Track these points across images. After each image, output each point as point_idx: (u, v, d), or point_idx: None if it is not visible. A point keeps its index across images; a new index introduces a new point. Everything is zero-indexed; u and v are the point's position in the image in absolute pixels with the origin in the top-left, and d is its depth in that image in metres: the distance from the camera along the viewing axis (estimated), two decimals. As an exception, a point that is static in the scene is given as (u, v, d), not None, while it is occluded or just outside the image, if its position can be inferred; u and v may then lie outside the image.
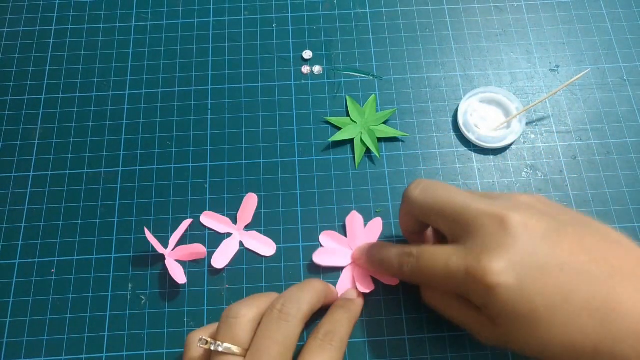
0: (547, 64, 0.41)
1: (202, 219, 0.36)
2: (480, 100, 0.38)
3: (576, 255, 0.23)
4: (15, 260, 0.35)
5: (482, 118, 0.38)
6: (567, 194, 0.36)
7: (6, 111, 0.39)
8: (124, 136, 0.38)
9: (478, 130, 0.37)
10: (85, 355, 0.32)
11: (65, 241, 0.35)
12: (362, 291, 0.32)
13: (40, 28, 0.42)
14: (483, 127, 0.38)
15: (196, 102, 0.39)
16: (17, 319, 0.33)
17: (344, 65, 0.41)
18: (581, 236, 0.24)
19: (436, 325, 0.33)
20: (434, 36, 0.42)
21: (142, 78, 0.40)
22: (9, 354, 0.32)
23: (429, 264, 0.27)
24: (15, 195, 0.37)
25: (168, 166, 0.37)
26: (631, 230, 0.35)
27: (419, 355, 0.32)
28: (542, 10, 0.43)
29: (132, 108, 0.39)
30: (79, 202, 0.36)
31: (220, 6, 0.43)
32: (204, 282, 0.34)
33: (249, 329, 0.26)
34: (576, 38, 0.41)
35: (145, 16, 0.43)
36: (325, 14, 0.43)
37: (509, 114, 0.38)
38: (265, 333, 0.26)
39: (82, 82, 0.40)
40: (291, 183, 0.37)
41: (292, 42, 0.42)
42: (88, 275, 0.34)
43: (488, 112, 0.38)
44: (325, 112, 0.39)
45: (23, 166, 0.37)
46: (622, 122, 0.38)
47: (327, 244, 0.35)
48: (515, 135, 0.37)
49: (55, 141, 0.38)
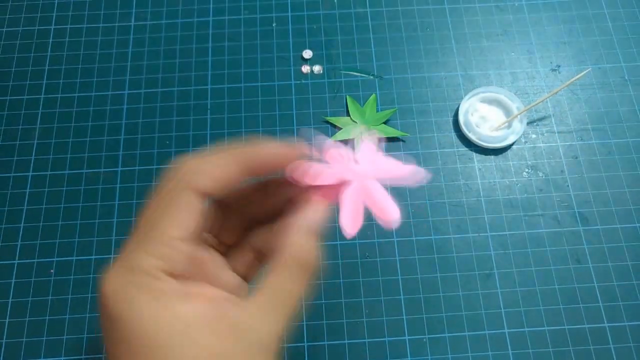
0: (548, 64, 0.40)
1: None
2: (481, 100, 0.38)
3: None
4: (15, 260, 0.35)
5: (483, 118, 0.38)
6: (568, 194, 0.36)
7: (5, 111, 0.39)
8: (123, 136, 0.38)
9: (479, 130, 0.37)
10: (84, 355, 0.32)
11: (64, 241, 0.35)
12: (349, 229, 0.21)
13: (39, 28, 0.42)
14: (484, 126, 0.37)
15: (196, 102, 0.39)
16: (16, 319, 0.33)
17: (344, 64, 0.40)
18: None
19: (436, 326, 0.32)
20: (434, 35, 0.41)
21: (142, 78, 0.40)
22: (9, 355, 0.32)
23: None
24: (15, 196, 0.36)
25: (167, 166, 0.37)
26: (632, 230, 0.35)
27: (419, 355, 0.32)
28: (543, 9, 0.42)
29: (131, 108, 0.39)
30: (78, 203, 0.36)
31: (219, 5, 0.43)
32: (203, 283, 0.34)
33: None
34: (577, 38, 0.41)
35: (144, 15, 0.43)
36: (326, 13, 0.42)
37: (509, 114, 0.38)
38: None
39: (81, 81, 0.40)
40: (291, 183, 0.37)
41: (292, 41, 0.41)
42: (87, 276, 0.34)
43: (489, 112, 0.38)
44: (325, 112, 0.39)
45: (22, 166, 0.37)
46: (623, 121, 0.38)
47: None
48: (516, 135, 0.37)
49: (54, 141, 0.38)
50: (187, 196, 0.19)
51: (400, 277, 0.34)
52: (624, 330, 0.32)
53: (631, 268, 0.34)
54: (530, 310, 0.33)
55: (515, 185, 0.36)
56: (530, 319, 0.32)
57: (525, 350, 0.32)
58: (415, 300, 0.33)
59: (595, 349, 0.32)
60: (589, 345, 0.32)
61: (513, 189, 0.36)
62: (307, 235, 0.19)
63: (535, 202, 0.36)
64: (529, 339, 0.32)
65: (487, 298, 0.33)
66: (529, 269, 0.34)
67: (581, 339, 0.32)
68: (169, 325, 0.17)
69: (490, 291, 0.33)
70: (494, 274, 0.34)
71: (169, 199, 0.19)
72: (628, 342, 0.32)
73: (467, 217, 0.35)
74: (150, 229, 0.18)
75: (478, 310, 0.33)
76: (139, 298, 0.17)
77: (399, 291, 0.33)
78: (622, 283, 0.33)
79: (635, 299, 0.33)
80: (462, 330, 0.32)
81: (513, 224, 0.35)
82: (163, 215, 0.18)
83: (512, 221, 0.35)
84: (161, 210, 0.19)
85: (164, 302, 0.17)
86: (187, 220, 0.18)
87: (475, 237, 0.35)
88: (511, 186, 0.36)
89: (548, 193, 0.36)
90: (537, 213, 0.35)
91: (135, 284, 0.17)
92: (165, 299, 0.17)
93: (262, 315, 0.18)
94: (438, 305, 0.33)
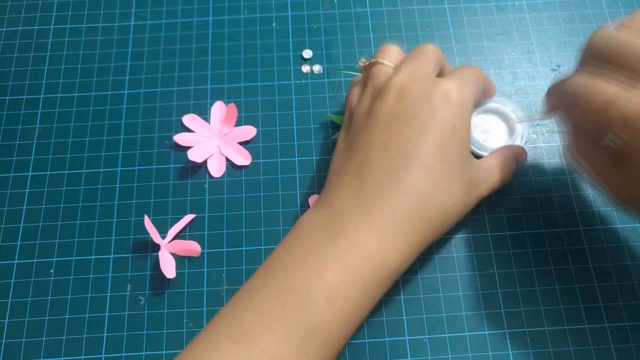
0: (549, 64, 0.40)
1: (184, 119, 0.38)
2: (477, 113, 0.37)
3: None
4: (14, 260, 0.35)
5: (486, 131, 0.37)
6: (568, 194, 0.36)
7: (5, 111, 0.39)
8: (123, 136, 0.38)
9: (486, 144, 0.36)
10: (84, 356, 0.32)
11: (64, 242, 0.35)
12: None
13: (39, 27, 0.42)
14: (489, 139, 0.36)
15: (195, 102, 0.39)
16: (16, 319, 0.33)
17: (344, 64, 0.40)
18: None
19: (436, 326, 0.32)
20: (434, 35, 0.41)
21: (141, 77, 0.40)
22: (8, 355, 0.32)
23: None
24: (14, 196, 0.36)
25: (167, 166, 0.37)
26: (632, 230, 0.35)
27: (419, 355, 0.32)
28: (544, 9, 0.42)
29: (131, 108, 0.39)
30: (78, 203, 0.36)
31: (219, 5, 0.43)
32: (203, 283, 0.34)
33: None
34: (577, 37, 0.41)
35: (144, 15, 0.42)
36: (325, 12, 0.42)
37: (507, 119, 0.37)
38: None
39: (81, 81, 0.40)
40: (291, 183, 0.36)
41: (292, 41, 0.41)
42: (87, 276, 0.34)
43: (490, 124, 0.37)
44: (325, 111, 0.39)
45: (22, 166, 0.37)
46: (623, 121, 0.38)
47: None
48: (519, 142, 0.36)
49: (53, 141, 0.38)
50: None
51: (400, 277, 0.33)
52: (624, 330, 0.32)
53: (631, 268, 0.34)
54: (530, 310, 0.33)
55: (516, 185, 0.36)
56: (530, 319, 0.32)
57: (525, 350, 0.32)
58: (415, 300, 0.33)
59: (595, 349, 0.32)
60: (589, 346, 0.32)
61: (513, 188, 0.36)
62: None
63: (536, 202, 0.36)
64: (529, 339, 0.32)
65: (486, 298, 0.33)
66: (529, 269, 0.34)
67: (581, 339, 0.32)
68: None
69: (490, 291, 0.33)
70: (494, 274, 0.34)
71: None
72: (628, 342, 0.32)
73: (467, 217, 0.35)
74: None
75: (478, 311, 0.33)
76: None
77: (399, 291, 0.33)
78: (622, 283, 0.33)
79: (635, 299, 0.33)
80: (462, 330, 0.32)
81: (513, 223, 0.35)
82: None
83: (512, 221, 0.35)
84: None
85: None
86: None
87: (475, 237, 0.35)
88: (511, 186, 0.36)
89: (548, 193, 0.36)
90: (537, 213, 0.35)
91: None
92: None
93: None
94: (438, 305, 0.33)
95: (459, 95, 0.29)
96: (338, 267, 0.26)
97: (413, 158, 0.27)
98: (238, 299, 0.27)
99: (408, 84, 0.29)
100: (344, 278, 0.26)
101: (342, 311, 0.26)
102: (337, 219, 0.28)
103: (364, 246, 0.26)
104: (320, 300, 0.25)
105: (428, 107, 0.28)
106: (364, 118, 0.30)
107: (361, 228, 0.27)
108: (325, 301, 0.25)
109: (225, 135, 0.38)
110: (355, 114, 0.31)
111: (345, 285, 0.26)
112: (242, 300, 0.27)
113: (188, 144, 0.37)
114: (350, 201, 0.28)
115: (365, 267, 0.26)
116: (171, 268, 0.33)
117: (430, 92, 0.28)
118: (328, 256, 0.26)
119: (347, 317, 0.26)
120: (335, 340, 0.26)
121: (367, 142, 0.29)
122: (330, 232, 0.27)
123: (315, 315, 0.25)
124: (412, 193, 0.27)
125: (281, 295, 0.26)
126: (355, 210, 0.27)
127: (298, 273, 0.26)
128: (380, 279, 0.27)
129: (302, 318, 0.25)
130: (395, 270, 0.28)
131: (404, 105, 0.29)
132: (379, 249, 0.27)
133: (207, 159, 0.37)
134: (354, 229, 0.27)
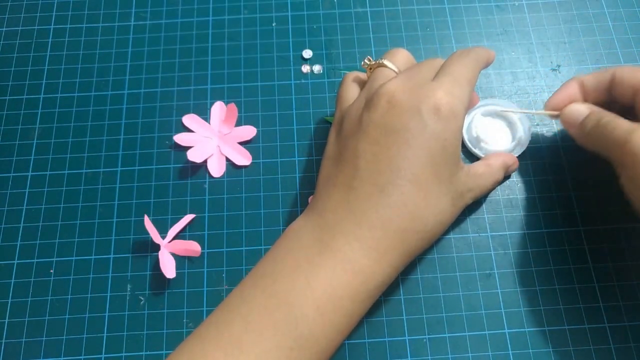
0: (549, 64, 0.40)
1: (184, 119, 0.38)
2: (482, 114, 0.37)
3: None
4: (14, 260, 0.35)
5: (486, 132, 0.37)
6: (569, 194, 0.36)
7: (4, 111, 0.39)
8: (123, 136, 0.38)
9: (486, 146, 0.36)
10: (84, 356, 0.32)
11: (64, 242, 0.35)
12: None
13: (38, 27, 0.42)
14: (490, 143, 0.36)
15: (195, 102, 0.39)
16: (16, 319, 0.33)
17: (344, 64, 0.40)
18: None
19: (436, 326, 0.32)
20: (434, 35, 0.41)
21: (141, 77, 0.40)
22: (8, 355, 0.32)
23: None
24: (14, 196, 0.36)
25: (167, 166, 0.37)
26: (632, 230, 0.35)
27: (419, 355, 0.32)
28: (544, 9, 0.42)
29: (131, 108, 0.39)
30: (78, 203, 0.36)
31: (219, 5, 0.43)
32: (203, 283, 0.34)
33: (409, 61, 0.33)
34: (577, 37, 0.41)
35: (144, 15, 0.42)
36: (326, 12, 0.42)
37: (511, 125, 0.37)
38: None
39: (81, 81, 0.40)
40: (291, 183, 0.36)
41: (292, 41, 0.41)
42: (87, 276, 0.34)
43: (494, 125, 0.37)
44: (325, 111, 0.39)
45: (22, 166, 0.37)
46: (623, 121, 0.38)
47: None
48: (521, 147, 0.36)
49: (53, 141, 0.38)
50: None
51: (400, 277, 0.34)
52: (624, 330, 0.32)
53: (631, 268, 0.34)
54: (530, 310, 0.33)
55: (516, 185, 0.36)
56: (530, 319, 0.32)
57: (525, 350, 0.32)
58: (415, 300, 0.33)
59: (595, 349, 0.32)
60: (589, 346, 0.32)
61: (513, 189, 0.36)
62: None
63: (536, 202, 0.36)
64: (529, 339, 0.32)
65: (487, 298, 0.33)
66: (529, 269, 0.34)
67: (581, 339, 0.32)
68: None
69: (490, 291, 0.33)
70: (494, 274, 0.34)
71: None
72: (628, 342, 0.32)
73: (467, 217, 0.35)
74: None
75: (478, 311, 0.33)
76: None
77: (399, 291, 0.33)
78: (622, 283, 0.33)
79: (635, 299, 0.33)
80: (462, 330, 0.32)
81: (513, 224, 0.35)
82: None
83: (512, 221, 0.35)
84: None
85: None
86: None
87: (475, 237, 0.35)
88: (511, 186, 0.36)
89: (549, 193, 0.36)
90: (537, 213, 0.35)
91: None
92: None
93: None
94: (438, 305, 0.33)
95: (450, 108, 0.28)
96: (327, 280, 0.26)
97: (403, 173, 0.27)
98: (227, 305, 0.27)
99: (399, 94, 0.28)
100: (334, 291, 0.26)
101: (332, 322, 0.26)
102: (328, 231, 0.27)
103: (354, 260, 0.26)
104: (309, 312, 0.25)
105: (418, 121, 0.27)
106: (355, 124, 0.29)
107: (351, 242, 0.27)
108: (314, 313, 0.25)
109: (225, 135, 0.38)
110: (347, 118, 0.31)
111: (334, 298, 0.26)
112: (231, 307, 0.27)
113: (188, 144, 0.37)
114: (340, 214, 0.28)
115: (355, 280, 0.26)
116: (171, 268, 0.33)
117: (420, 105, 0.27)
118: (318, 268, 0.26)
119: (337, 328, 0.26)
120: (325, 351, 0.26)
121: (356, 152, 0.28)
122: (320, 243, 0.27)
123: (305, 327, 0.25)
124: (402, 208, 0.27)
125: (270, 305, 0.26)
126: (346, 223, 0.27)
127: (287, 284, 0.26)
128: (369, 291, 0.27)
129: (291, 329, 0.25)
130: (384, 282, 0.28)
131: (393, 116, 0.28)
132: (369, 262, 0.27)
133: (207, 159, 0.37)
134: (344, 242, 0.27)
